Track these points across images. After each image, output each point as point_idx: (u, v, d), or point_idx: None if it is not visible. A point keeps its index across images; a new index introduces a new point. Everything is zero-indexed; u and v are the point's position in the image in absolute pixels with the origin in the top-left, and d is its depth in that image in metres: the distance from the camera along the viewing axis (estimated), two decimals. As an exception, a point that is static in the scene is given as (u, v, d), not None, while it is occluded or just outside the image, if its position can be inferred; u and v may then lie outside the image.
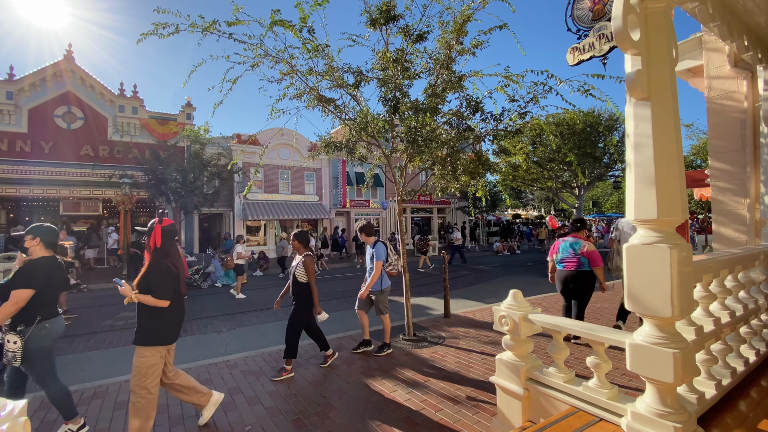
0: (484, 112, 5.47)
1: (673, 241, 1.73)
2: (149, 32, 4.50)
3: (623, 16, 1.67)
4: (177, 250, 3.25)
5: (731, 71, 4.28)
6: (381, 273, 5.17)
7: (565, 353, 2.53)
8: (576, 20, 3.17)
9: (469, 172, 5.67)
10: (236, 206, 19.79)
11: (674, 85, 1.80)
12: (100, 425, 3.49)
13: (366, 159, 6.30)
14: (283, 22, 4.65)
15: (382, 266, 5.15)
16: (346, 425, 3.37)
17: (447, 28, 5.19)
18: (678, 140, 1.77)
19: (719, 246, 4.39)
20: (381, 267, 5.13)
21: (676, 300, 1.68)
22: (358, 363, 4.85)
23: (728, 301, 2.57)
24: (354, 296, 9.82)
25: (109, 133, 17.12)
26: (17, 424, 1.17)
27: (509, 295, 2.78)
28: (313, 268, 4.61)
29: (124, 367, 5.09)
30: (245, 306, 8.89)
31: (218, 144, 18.28)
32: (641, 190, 1.78)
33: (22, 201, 16.74)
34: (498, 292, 10.03)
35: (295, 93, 5.28)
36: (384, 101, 5.41)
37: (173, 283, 3.05)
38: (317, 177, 22.89)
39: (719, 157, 4.45)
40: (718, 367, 2.37)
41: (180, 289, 3.15)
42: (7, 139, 15.29)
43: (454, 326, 6.45)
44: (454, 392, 3.95)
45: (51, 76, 16.08)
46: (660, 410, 1.78)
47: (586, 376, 2.62)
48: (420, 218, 27.38)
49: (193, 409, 3.65)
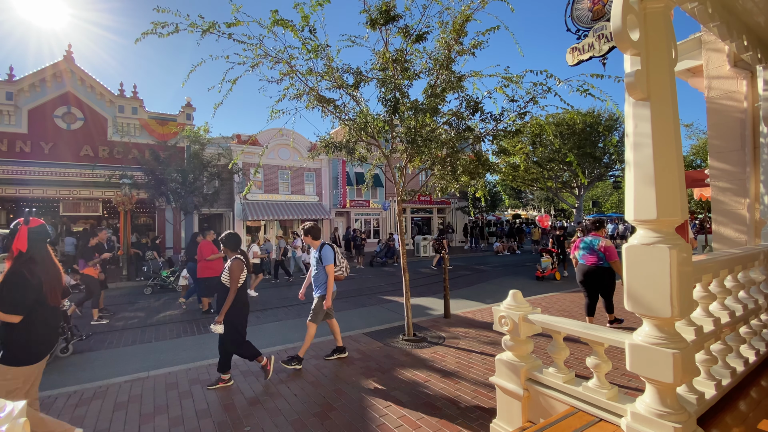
0: (483, 112, 5.47)
1: (673, 242, 1.73)
2: (149, 31, 4.50)
3: (622, 16, 1.67)
4: (49, 256, 2.88)
5: (731, 71, 4.28)
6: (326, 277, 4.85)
7: (564, 353, 2.53)
8: (575, 20, 3.17)
9: (468, 172, 5.67)
10: (236, 206, 19.79)
11: (674, 85, 1.80)
12: (100, 426, 3.49)
13: (366, 159, 6.30)
14: (284, 22, 4.65)
15: (333, 270, 4.83)
16: (347, 426, 3.37)
17: (446, 28, 5.19)
18: (677, 140, 1.77)
19: (719, 246, 4.39)
20: (333, 271, 4.82)
21: (675, 300, 1.68)
22: (358, 364, 4.85)
23: (728, 301, 2.57)
24: (354, 296, 9.86)
25: (109, 133, 17.11)
26: (16, 425, 1.17)
27: (509, 295, 2.78)
28: (237, 274, 4.18)
29: (125, 367, 5.09)
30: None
31: (218, 144, 18.27)
32: (641, 190, 1.77)
33: (21, 201, 16.73)
34: (498, 292, 10.03)
35: (294, 93, 5.28)
36: (384, 101, 5.41)
37: (29, 294, 2.63)
38: (317, 177, 22.89)
39: (719, 157, 4.45)
40: (718, 368, 2.37)
41: (48, 301, 2.76)
42: (7, 140, 15.28)
43: (454, 326, 6.45)
44: (454, 392, 3.95)
45: (51, 77, 16.07)
46: (660, 410, 1.77)
47: (586, 376, 2.62)
48: (420, 218, 27.37)
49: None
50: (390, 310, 8.31)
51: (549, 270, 11.64)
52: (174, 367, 4.90)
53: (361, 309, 8.46)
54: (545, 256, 11.85)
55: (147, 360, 5.43)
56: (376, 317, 7.62)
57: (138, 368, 4.97)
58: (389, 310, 8.23)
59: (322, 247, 4.91)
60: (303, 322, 6.95)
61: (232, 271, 4.18)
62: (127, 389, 4.24)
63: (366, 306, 8.77)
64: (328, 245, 4.94)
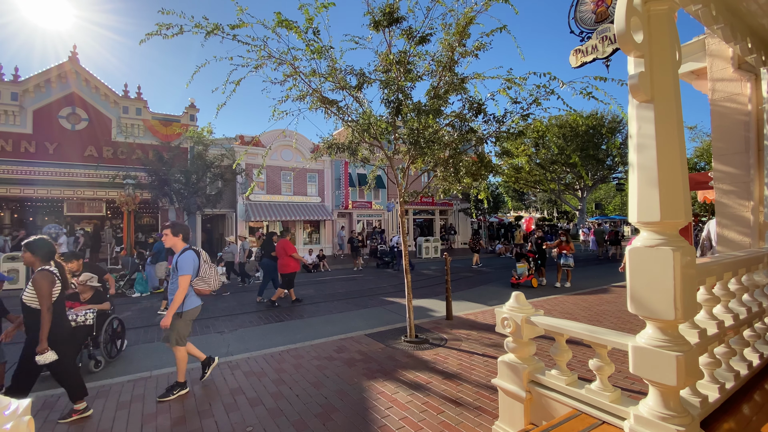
0: (486, 114, 5.48)
1: (677, 244, 1.72)
2: (153, 32, 4.53)
3: (626, 18, 1.67)
4: None
5: (735, 73, 4.27)
6: (188, 290, 4.08)
7: (567, 355, 2.52)
8: (579, 22, 3.17)
9: (471, 173, 5.67)
10: (239, 207, 19.84)
11: (677, 87, 1.80)
12: (103, 426, 3.50)
13: (368, 161, 6.32)
14: (288, 23, 4.67)
15: (189, 282, 4.04)
16: (348, 427, 3.37)
17: (450, 30, 5.20)
18: (681, 142, 1.77)
19: (723, 249, 4.37)
20: (187, 283, 4.02)
21: (679, 302, 1.67)
22: (360, 365, 4.85)
23: (732, 304, 2.56)
24: (356, 297, 9.86)
25: (113, 134, 17.20)
26: (21, 423, 1.18)
27: (511, 297, 2.78)
28: (47, 289, 3.34)
29: (126, 367, 5.11)
30: (247, 307, 8.90)
31: (221, 145, 18.35)
32: (644, 192, 1.77)
33: (26, 201, 16.83)
34: (500, 294, 10.01)
35: (298, 94, 5.30)
36: (386, 103, 5.42)
37: None
38: (319, 178, 22.92)
39: (723, 160, 4.43)
40: (722, 371, 2.36)
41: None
42: (12, 140, 15.38)
43: (455, 328, 6.44)
44: (456, 394, 3.94)
45: (56, 78, 16.18)
46: (663, 413, 1.77)
47: (589, 378, 2.61)
48: (422, 220, 27.35)
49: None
50: (392, 311, 8.30)
51: (525, 276, 10.83)
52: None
53: (362, 310, 8.46)
54: (521, 262, 11.00)
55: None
56: (378, 318, 7.62)
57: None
58: (391, 312, 8.23)
59: (182, 252, 4.13)
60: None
61: (38, 286, 3.33)
62: (131, 389, 4.25)
63: (368, 307, 8.77)
64: (193, 251, 4.16)
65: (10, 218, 17.50)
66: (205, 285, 4.24)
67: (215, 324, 7.40)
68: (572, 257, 10.80)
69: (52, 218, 17.09)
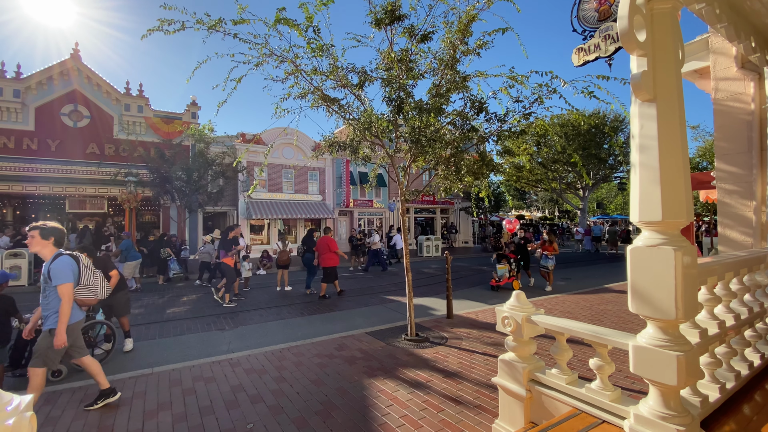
0: (488, 112, 5.46)
1: (678, 243, 1.72)
2: (155, 28, 4.53)
3: (629, 16, 1.67)
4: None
5: (738, 73, 4.25)
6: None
7: (567, 355, 2.52)
8: (581, 21, 3.15)
9: (472, 172, 5.66)
10: (240, 205, 19.86)
11: (680, 86, 1.79)
12: (104, 422, 3.51)
13: (370, 159, 6.31)
14: (288, 21, 4.66)
15: (72, 290, 3.44)
16: (349, 424, 3.38)
17: (452, 28, 5.18)
18: (684, 142, 1.76)
19: (725, 248, 4.36)
20: (71, 291, 3.42)
21: (680, 302, 1.67)
22: (360, 363, 4.86)
23: (733, 304, 2.56)
24: (357, 296, 9.87)
25: (115, 131, 17.22)
26: (23, 419, 1.18)
27: (512, 296, 2.78)
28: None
29: (128, 364, 5.13)
30: (248, 304, 8.92)
31: (223, 143, 18.33)
32: (646, 191, 1.77)
33: (28, 198, 16.87)
34: (500, 293, 10.01)
35: (299, 92, 5.30)
36: (388, 101, 5.42)
37: None
38: (321, 176, 22.92)
39: (725, 159, 4.42)
40: (723, 371, 2.36)
41: None
42: (14, 137, 15.41)
43: (456, 327, 6.45)
44: (456, 393, 3.95)
45: (58, 75, 16.20)
46: (663, 413, 1.77)
47: (589, 377, 2.61)
48: (423, 218, 27.33)
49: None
50: (392, 309, 8.31)
51: (506, 279, 10.32)
52: (177, 364, 4.93)
53: (363, 308, 8.46)
54: (502, 263, 10.45)
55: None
56: (379, 317, 7.62)
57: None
58: (392, 310, 8.24)
59: (55, 258, 3.44)
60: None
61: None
62: (132, 385, 4.27)
63: (369, 305, 8.77)
64: (68, 256, 3.55)
65: (12, 215, 17.55)
66: (90, 294, 3.87)
67: (216, 321, 7.41)
68: (553, 259, 10.21)
69: (54, 215, 17.11)
